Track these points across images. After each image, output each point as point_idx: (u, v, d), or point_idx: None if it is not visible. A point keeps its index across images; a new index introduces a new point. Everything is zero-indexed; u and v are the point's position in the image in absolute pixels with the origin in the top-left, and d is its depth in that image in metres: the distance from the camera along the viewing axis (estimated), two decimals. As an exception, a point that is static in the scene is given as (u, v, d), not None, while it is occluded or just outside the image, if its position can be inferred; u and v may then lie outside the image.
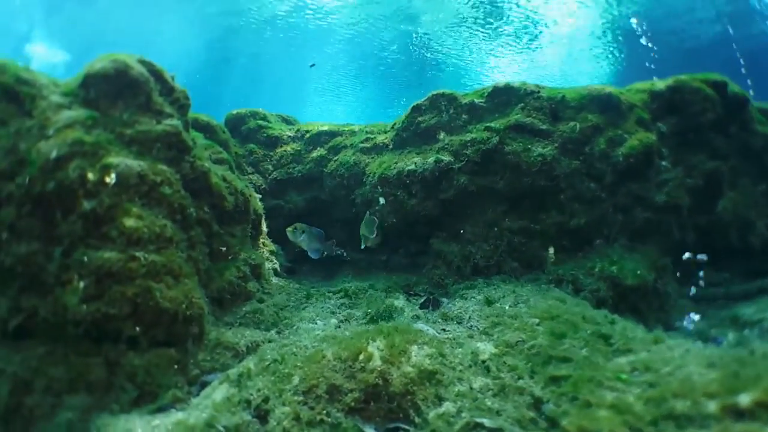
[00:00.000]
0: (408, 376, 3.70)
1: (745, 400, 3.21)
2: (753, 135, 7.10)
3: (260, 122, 8.71)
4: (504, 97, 6.74)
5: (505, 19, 27.74)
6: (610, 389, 3.63)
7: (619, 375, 3.77)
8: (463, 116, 6.75)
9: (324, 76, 34.65)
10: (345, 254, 7.64)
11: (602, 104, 6.50)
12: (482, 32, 28.88)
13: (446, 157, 6.36)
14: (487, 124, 6.46)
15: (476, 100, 6.77)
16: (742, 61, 25.32)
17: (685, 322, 6.12)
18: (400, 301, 6.02)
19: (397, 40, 29.05)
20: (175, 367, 4.39)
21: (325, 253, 7.36)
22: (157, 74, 5.38)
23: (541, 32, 29.38)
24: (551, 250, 6.40)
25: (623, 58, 31.52)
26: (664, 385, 3.60)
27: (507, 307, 5.23)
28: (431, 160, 6.37)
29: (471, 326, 4.86)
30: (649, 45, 28.84)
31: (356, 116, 40.77)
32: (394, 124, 7.55)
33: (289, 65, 33.07)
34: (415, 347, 3.98)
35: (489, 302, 5.46)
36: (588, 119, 6.41)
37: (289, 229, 7.09)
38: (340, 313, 5.87)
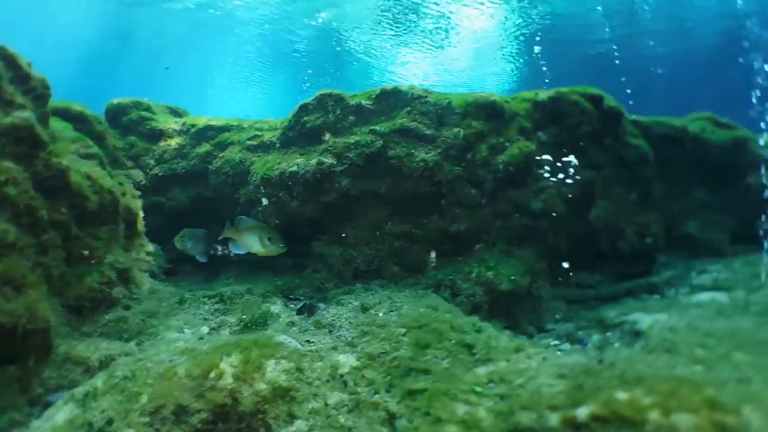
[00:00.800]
0: (260, 394, 3.57)
1: (583, 413, 3.32)
2: (626, 147, 7.48)
3: (143, 113, 8.22)
4: (392, 100, 6.70)
5: (417, 15, 27.94)
6: (463, 402, 3.66)
7: (474, 387, 3.81)
8: (350, 118, 6.66)
9: (233, 64, 33.64)
10: (232, 254, 7.38)
11: (487, 112, 6.61)
12: (393, 27, 28.97)
13: (329, 160, 6.25)
14: (373, 127, 6.40)
15: (364, 102, 6.70)
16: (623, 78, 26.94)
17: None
18: (277, 307, 5.87)
19: (308, 30, 28.61)
20: (15, 386, 4.04)
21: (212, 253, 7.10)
22: (8, 59, 4.92)
23: (453, 29, 29.78)
24: (433, 255, 6.47)
25: (525, 61, 32.67)
26: (514, 397, 3.67)
27: (381, 315, 5.21)
28: (313, 162, 6.24)
29: (339, 336, 4.78)
30: (544, 69, 30.24)
31: (267, 107, 39.87)
32: (283, 122, 7.35)
33: (194, 54, 31.85)
34: (272, 362, 3.85)
35: (364, 309, 5.42)
36: (472, 126, 6.50)
37: (177, 238, 6.79)
38: (212, 320, 5.64)
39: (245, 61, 33.08)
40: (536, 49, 30.28)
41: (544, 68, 30.11)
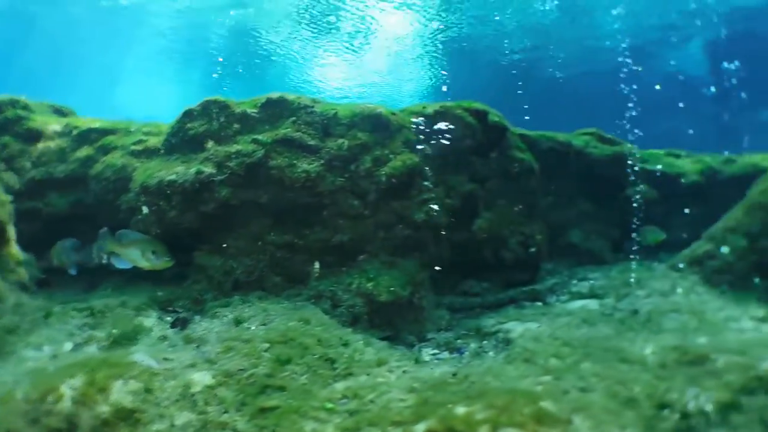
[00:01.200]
0: (101, 417, 3.45)
1: (421, 428, 3.42)
2: (511, 160, 7.77)
3: (20, 112, 7.77)
4: (277, 108, 6.66)
5: (336, 18, 27.89)
6: (313, 420, 3.68)
7: (326, 404, 3.84)
8: (235, 126, 6.57)
9: (146, 59, 32.38)
10: (113, 263, 7.08)
11: (373, 123, 6.69)
12: (311, 29, 28.81)
13: (209, 169, 6.13)
14: (255, 136, 6.34)
15: (249, 110, 6.63)
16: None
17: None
18: (150, 320, 5.71)
19: (223, 29, 28.00)
20: None
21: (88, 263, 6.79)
22: None
23: (372, 33, 29.91)
24: (316, 266, 6.47)
25: (441, 68, 33.32)
26: (363, 413, 3.73)
27: (252, 328, 5.17)
28: (192, 171, 6.11)
29: (204, 352, 4.70)
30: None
31: (183, 105, 38.66)
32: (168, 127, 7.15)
33: (101, 45, 30.43)
34: (119, 383, 3.73)
35: (237, 322, 5.36)
36: (357, 137, 6.56)
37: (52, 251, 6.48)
38: (79, 336, 5.40)
39: (159, 56, 31.92)
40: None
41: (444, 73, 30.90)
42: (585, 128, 10.55)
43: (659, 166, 10.83)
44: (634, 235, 9.66)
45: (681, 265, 7.65)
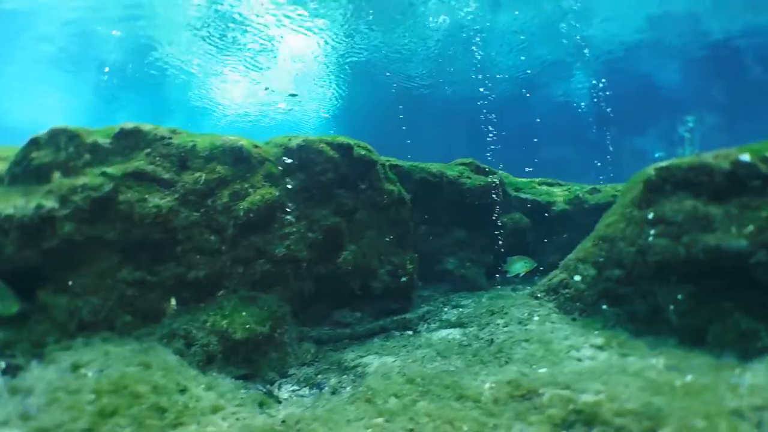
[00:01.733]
0: None
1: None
2: (380, 192, 7.90)
3: None
4: (132, 139, 6.42)
5: (239, 34, 27.51)
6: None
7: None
8: (86, 156, 6.25)
9: (31, 67, 30.39)
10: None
11: (234, 157, 6.59)
12: (212, 44, 28.25)
13: (50, 203, 5.78)
14: (105, 169, 6.06)
15: (101, 140, 6.33)
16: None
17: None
18: (-23, 367, 5.27)
19: (117, 37, 26.82)
20: None
21: None
22: None
23: (274, 51, 29.70)
24: (173, 302, 6.26)
25: (349, 90, 33.69)
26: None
27: (90, 375, 4.89)
28: (32, 205, 5.74)
29: (27, 405, 4.39)
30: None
31: (74, 115, 36.67)
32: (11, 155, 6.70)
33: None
34: None
35: (75, 368, 5.05)
36: (216, 171, 6.44)
37: None
38: None
39: (45, 64, 30.04)
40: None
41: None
42: (463, 158, 10.93)
43: (531, 195, 11.38)
44: (507, 262, 10.03)
45: (540, 294, 8.05)
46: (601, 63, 27.78)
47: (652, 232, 6.59)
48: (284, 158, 6.95)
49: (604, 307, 7.14)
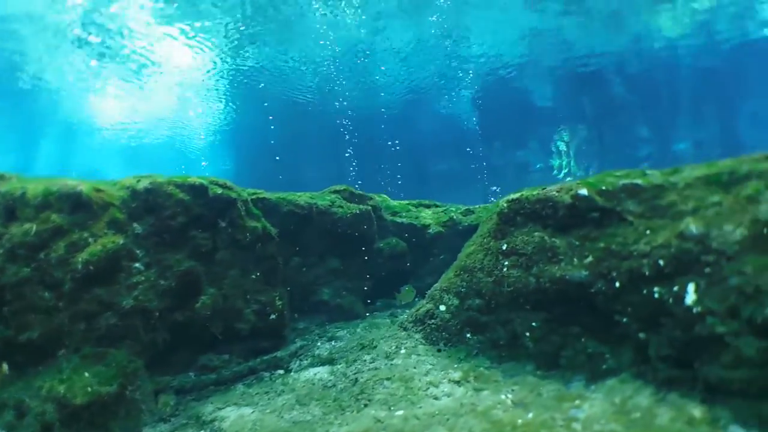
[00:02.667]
0: None
1: None
2: (241, 230, 7.65)
3: None
4: (-53, 189, 5.79)
5: (113, 46, 26.13)
6: None
7: None
8: None
9: None
10: None
11: (71, 203, 6.11)
12: (85, 55, 26.67)
13: None
14: None
15: None
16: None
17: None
18: None
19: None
20: None
21: None
22: None
23: (160, 66, 28.54)
24: (5, 368, 5.69)
25: (237, 106, 32.99)
26: None
27: None
28: None
29: None
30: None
31: None
32: None
33: None
34: None
35: None
36: (51, 220, 5.93)
37: None
38: None
39: None
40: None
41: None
42: (337, 185, 10.90)
43: (407, 219, 11.53)
44: (399, 292, 10.09)
45: (408, 325, 8.12)
46: (482, 80, 28.97)
47: (506, 263, 6.82)
48: (131, 203, 6.55)
49: (468, 335, 7.29)
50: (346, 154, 31.93)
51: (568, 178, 29.98)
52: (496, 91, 29.17)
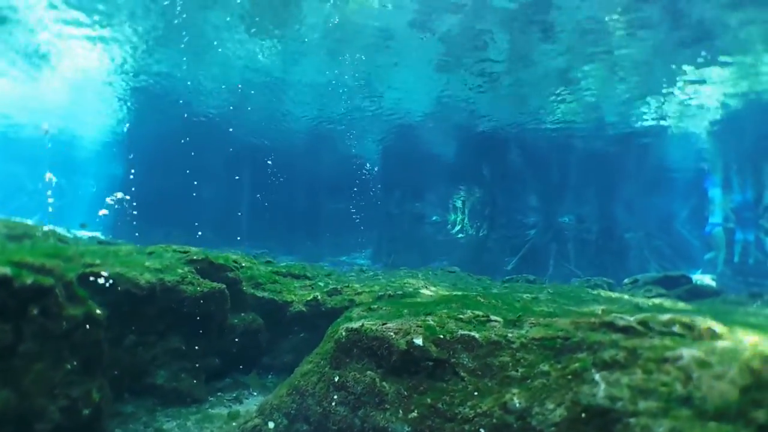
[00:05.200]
0: None
1: None
2: (56, 319, 6.86)
3: None
4: None
5: (7, 32, 24.08)
6: None
7: None
8: None
9: None
10: None
11: None
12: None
13: None
14: None
15: None
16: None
17: None
18: None
19: None
20: None
21: None
22: None
23: (54, 57, 26.58)
24: None
25: (133, 108, 31.35)
26: None
27: None
28: None
29: None
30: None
31: None
32: None
33: None
34: None
35: None
36: None
37: None
38: None
39: None
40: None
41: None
42: (195, 253, 10.23)
43: (268, 294, 11.06)
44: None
45: (235, 436, 7.60)
46: (389, 129, 29.16)
47: (335, 396, 6.50)
48: None
49: (291, 460, 6.92)
50: (237, 177, 31.01)
51: (461, 235, 30.67)
52: (403, 140, 29.44)
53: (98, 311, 7.54)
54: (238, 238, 29.60)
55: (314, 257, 30.19)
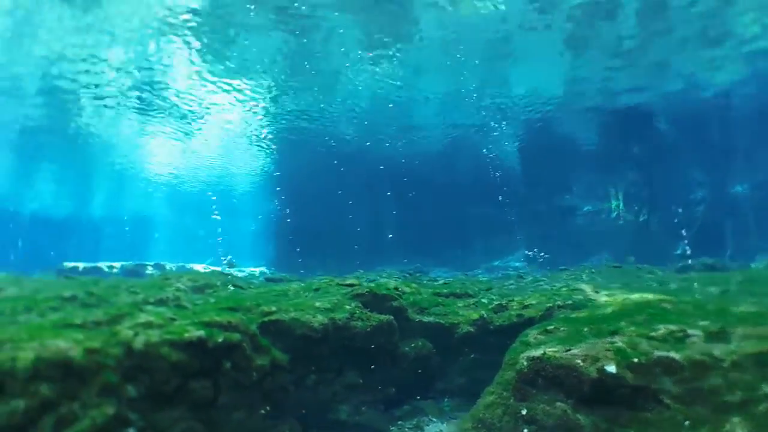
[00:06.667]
0: None
1: None
2: (245, 371, 7.31)
3: None
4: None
5: (164, 100, 26.90)
6: None
7: None
8: None
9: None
10: None
11: (62, 371, 5.87)
12: (138, 108, 27.61)
13: None
14: None
15: None
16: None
17: None
18: None
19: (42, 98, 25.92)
20: None
21: None
22: None
23: (203, 117, 29.20)
24: None
25: (277, 153, 33.28)
26: None
27: None
28: None
29: None
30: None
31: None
32: None
33: None
34: None
35: None
36: (40, 393, 5.70)
37: None
38: None
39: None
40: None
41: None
42: (358, 286, 10.46)
43: (434, 318, 11.03)
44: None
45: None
46: (523, 125, 28.22)
47: (525, 430, 6.20)
48: (125, 361, 6.28)
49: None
50: (388, 194, 31.65)
51: (620, 221, 28.64)
52: (539, 134, 28.36)
53: (281, 357, 7.93)
54: (389, 257, 30.20)
55: (467, 266, 29.95)
